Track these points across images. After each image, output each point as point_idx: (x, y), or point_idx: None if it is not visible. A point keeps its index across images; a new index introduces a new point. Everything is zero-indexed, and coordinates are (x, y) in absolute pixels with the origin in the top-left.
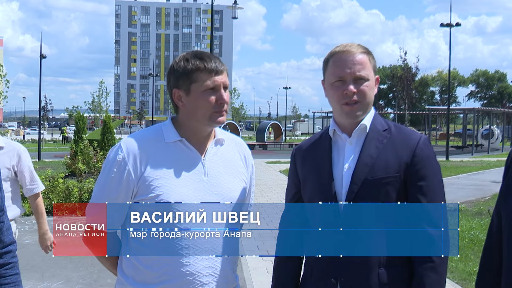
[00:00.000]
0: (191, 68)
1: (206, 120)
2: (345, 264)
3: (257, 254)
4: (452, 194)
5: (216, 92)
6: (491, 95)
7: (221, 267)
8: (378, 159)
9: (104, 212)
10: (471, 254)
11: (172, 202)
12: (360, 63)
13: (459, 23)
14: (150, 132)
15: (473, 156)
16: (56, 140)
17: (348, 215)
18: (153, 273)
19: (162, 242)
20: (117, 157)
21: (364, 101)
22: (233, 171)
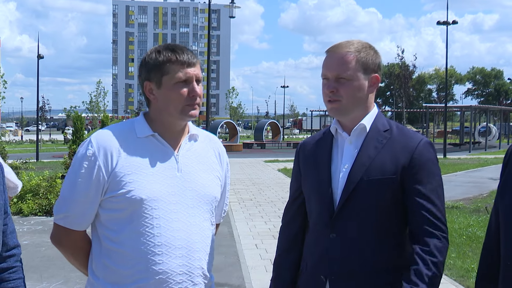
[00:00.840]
0: (163, 60)
1: (178, 113)
2: (335, 264)
3: (256, 253)
4: (450, 192)
5: (188, 85)
6: (488, 93)
7: (196, 265)
8: (375, 159)
9: (73, 210)
10: (469, 251)
11: (144, 198)
12: (342, 63)
13: (455, 21)
14: (122, 127)
15: (471, 153)
16: (54, 140)
17: (341, 221)
18: (125, 273)
19: (134, 240)
20: (87, 152)
21: (344, 100)
22: (207, 168)
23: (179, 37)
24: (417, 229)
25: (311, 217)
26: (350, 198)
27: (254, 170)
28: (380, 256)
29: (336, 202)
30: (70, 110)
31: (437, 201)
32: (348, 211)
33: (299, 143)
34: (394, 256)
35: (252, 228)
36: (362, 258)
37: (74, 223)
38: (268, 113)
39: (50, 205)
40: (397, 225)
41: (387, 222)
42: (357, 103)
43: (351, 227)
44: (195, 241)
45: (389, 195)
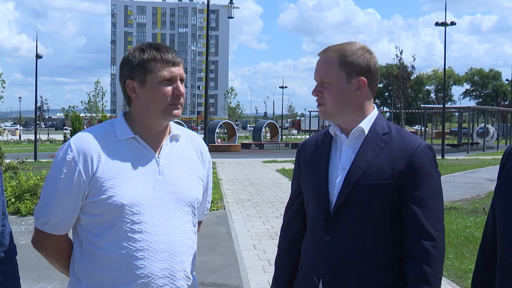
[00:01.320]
0: (147, 58)
1: (160, 113)
2: (328, 266)
3: (254, 253)
4: (448, 192)
5: (172, 84)
6: (486, 94)
7: (178, 268)
8: (372, 163)
9: (53, 215)
10: (467, 252)
11: (125, 203)
12: (324, 68)
13: (454, 22)
14: (102, 129)
15: (469, 154)
16: (52, 140)
17: (336, 224)
18: (107, 277)
19: (115, 245)
20: (66, 157)
21: (328, 104)
22: (189, 168)
23: (178, 37)
24: (409, 238)
25: (309, 217)
26: (346, 201)
27: (252, 171)
28: (374, 260)
29: (332, 204)
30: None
31: (433, 208)
32: (343, 214)
33: (301, 142)
34: (387, 259)
35: (250, 229)
36: (355, 261)
37: (55, 228)
38: (266, 114)
39: None
40: (392, 229)
41: (382, 226)
42: (343, 106)
43: (346, 230)
44: (177, 244)
45: (385, 200)
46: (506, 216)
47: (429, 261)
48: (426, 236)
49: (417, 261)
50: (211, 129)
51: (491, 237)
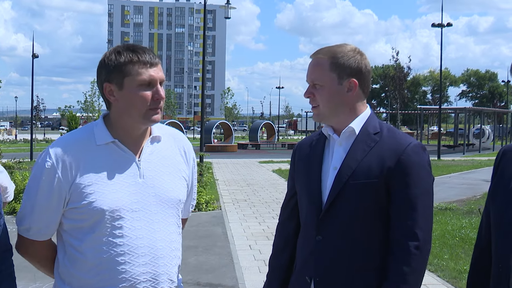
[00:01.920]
0: (124, 60)
1: (140, 117)
2: (320, 265)
3: (250, 254)
4: (444, 193)
5: (151, 87)
6: (482, 95)
7: (161, 271)
8: (362, 162)
9: (35, 222)
10: (462, 253)
11: (105, 209)
12: (314, 70)
13: (450, 23)
14: (81, 134)
15: (465, 155)
16: (48, 140)
17: (327, 223)
18: (89, 281)
19: (96, 250)
20: (45, 164)
21: (320, 106)
22: (172, 169)
23: (175, 37)
24: (394, 237)
25: (302, 217)
26: (336, 201)
27: (249, 171)
28: (365, 259)
29: (323, 204)
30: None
31: (421, 207)
32: (334, 213)
33: (297, 143)
34: (378, 258)
35: (246, 229)
36: (346, 260)
37: (38, 235)
38: (263, 114)
39: None
40: (383, 229)
41: (372, 226)
42: (335, 108)
43: (337, 230)
44: (160, 248)
45: (374, 199)
46: (500, 217)
47: (409, 261)
48: (411, 236)
49: (397, 260)
50: (208, 130)
51: (486, 238)
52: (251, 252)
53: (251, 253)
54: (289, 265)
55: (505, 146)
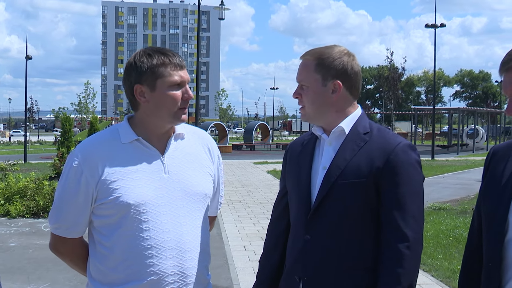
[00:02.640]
0: (156, 63)
1: (170, 117)
2: (308, 265)
3: (244, 255)
4: (437, 193)
5: (181, 88)
6: (476, 95)
7: (188, 265)
8: (351, 162)
9: (64, 220)
10: (455, 253)
11: (131, 203)
12: (302, 71)
13: (444, 24)
14: (106, 134)
15: (458, 155)
16: (42, 142)
17: (315, 223)
18: (118, 275)
19: (124, 244)
20: (73, 163)
21: (306, 107)
22: (197, 165)
23: (169, 38)
24: (384, 237)
25: (292, 216)
26: (324, 201)
27: (243, 172)
28: (353, 259)
29: (312, 203)
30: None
31: (410, 207)
32: (322, 213)
33: (289, 143)
34: (367, 258)
35: (240, 230)
36: (335, 260)
37: (68, 232)
38: (257, 115)
39: (38, 207)
40: (372, 229)
41: (361, 225)
42: (320, 109)
43: (325, 230)
44: (186, 241)
45: (363, 198)
46: (490, 217)
47: (401, 262)
48: (401, 236)
49: (389, 261)
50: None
51: (477, 238)
52: (245, 253)
53: (246, 254)
54: (279, 265)
55: (495, 146)
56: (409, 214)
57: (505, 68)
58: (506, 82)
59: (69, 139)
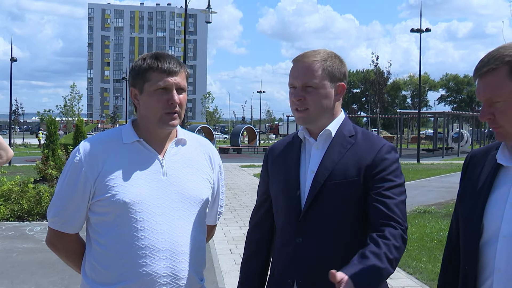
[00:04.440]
0: (145, 67)
1: (157, 120)
2: (302, 266)
3: (230, 258)
4: (423, 196)
5: (167, 93)
6: (461, 99)
7: (181, 267)
8: (339, 164)
9: (61, 213)
10: (440, 255)
11: (127, 201)
12: (308, 72)
13: (429, 29)
14: (109, 134)
15: (444, 159)
16: (27, 144)
17: (307, 225)
18: (111, 274)
19: (118, 243)
20: (74, 159)
21: (311, 108)
22: (196, 171)
23: (156, 41)
24: (373, 221)
25: (279, 221)
26: (315, 202)
27: (230, 175)
28: (346, 258)
29: (302, 206)
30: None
31: (395, 197)
32: (313, 215)
33: (268, 147)
34: None
35: (227, 233)
36: (327, 261)
37: (64, 226)
38: (244, 118)
39: (22, 210)
40: (361, 226)
41: (352, 224)
42: (324, 111)
43: (317, 231)
44: (180, 244)
45: (353, 197)
46: (467, 220)
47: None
48: (388, 220)
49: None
50: None
51: (455, 241)
52: (231, 256)
53: (232, 257)
54: (262, 270)
55: (473, 150)
56: (394, 204)
57: (478, 74)
58: (479, 88)
59: (54, 141)
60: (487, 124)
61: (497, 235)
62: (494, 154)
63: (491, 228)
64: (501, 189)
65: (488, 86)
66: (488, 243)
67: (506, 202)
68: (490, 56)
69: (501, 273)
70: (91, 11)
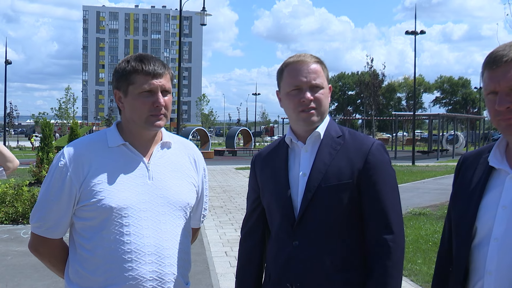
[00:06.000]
0: (130, 70)
1: (142, 122)
2: (300, 270)
3: (225, 260)
4: (418, 198)
5: (153, 95)
6: (455, 101)
7: (167, 271)
8: (331, 166)
9: (46, 219)
10: (435, 257)
11: (113, 206)
12: (314, 72)
13: (423, 31)
14: (94, 137)
15: (439, 160)
16: (22, 147)
17: (303, 228)
18: (97, 279)
19: (104, 248)
20: (59, 163)
21: (320, 108)
22: (181, 175)
23: (150, 44)
24: (370, 233)
25: (273, 227)
26: (310, 205)
27: (225, 178)
28: (343, 259)
29: (296, 210)
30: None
31: (392, 202)
32: (309, 218)
33: (254, 154)
34: (356, 257)
35: (222, 236)
36: (325, 263)
37: (48, 232)
38: (239, 120)
39: (17, 213)
40: (358, 228)
41: (347, 226)
42: (326, 111)
43: (313, 234)
44: (166, 248)
45: (348, 199)
46: (458, 222)
47: (389, 255)
48: (386, 230)
49: (379, 256)
50: (184, 136)
51: (448, 243)
52: (227, 259)
53: (227, 259)
54: (257, 276)
55: (465, 153)
56: (390, 209)
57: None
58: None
59: (49, 144)
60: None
61: (488, 237)
62: (487, 156)
63: (483, 230)
64: (493, 191)
65: None
66: (480, 245)
67: (498, 204)
68: (508, 46)
69: (492, 275)
70: (85, 14)
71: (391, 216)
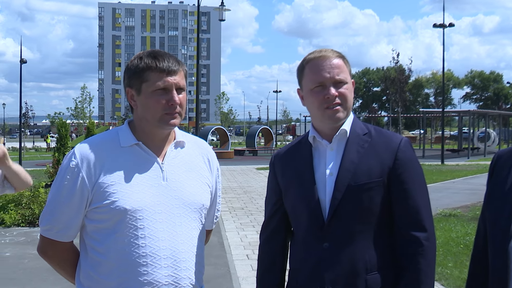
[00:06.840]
0: (143, 67)
1: (156, 121)
2: (331, 272)
3: (247, 263)
4: (447, 199)
5: (167, 93)
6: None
7: (183, 275)
8: (360, 164)
9: (56, 221)
10: (466, 261)
11: (128, 208)
12: (337, 67)
13: (452, 24)
14: (106, 137)
15: (469, 159)
16: (37, 148)
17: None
18: (110, 283)
19: (118, 251)
20: (70, 163)
21: (345, 103)
22: (195, 175)
23: (168, 41)
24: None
25: (299, 230)
26: (340, 206)
27: (246, 178)
28: (376, 259)
29: (325, 211)
30: (55, 117)
31: (422, 200)
32: (338, 218)
33: (272, 155)
34: (388, 257)
35: (243, 238)
36: (357, 263)
37: (59, 235)
38: (260, 119)
39: (34, 216)
40: (388, 227)
41: (378, 225)
42: (351, 107)
43: (344, 234)
44: (182, 251)
45: (378, 198)
46: (494, 223)
47: (423, 253)
48: (418, 229)
49: (412, 254)
50: (203, 136)
51: (482, 246)
52: (248, 262)
53: (249, 263)
54: (280, 282)
55: (500, 150)
56: (421, 207)
57: None
58: None
59: (65, 145)
60: None
61: None
62: None
63: None
64: None
65: None
66: None
67: None
68: None
69: None
70: (101, 11)
71: (423, 214)
